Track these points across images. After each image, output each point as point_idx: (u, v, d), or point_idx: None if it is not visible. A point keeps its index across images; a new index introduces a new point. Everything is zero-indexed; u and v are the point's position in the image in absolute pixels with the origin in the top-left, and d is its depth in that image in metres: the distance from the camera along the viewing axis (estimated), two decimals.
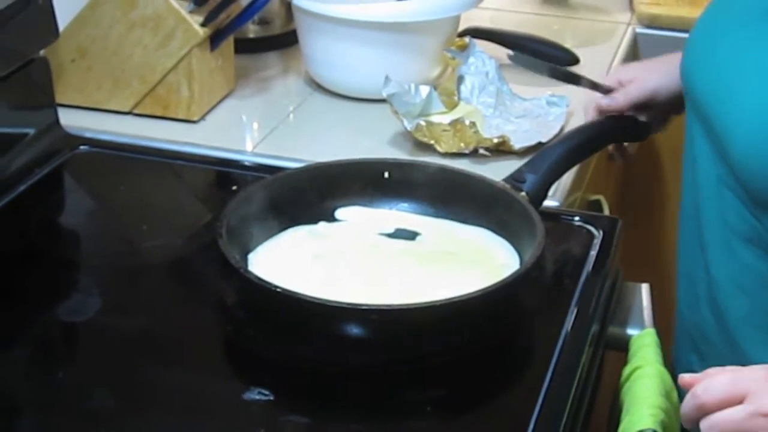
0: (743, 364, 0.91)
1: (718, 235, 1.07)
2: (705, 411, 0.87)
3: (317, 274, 1.03)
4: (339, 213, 1.13)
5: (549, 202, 1.23)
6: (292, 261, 1.05)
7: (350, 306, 0.95)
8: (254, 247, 1.06)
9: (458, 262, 1.07)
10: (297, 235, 1.09)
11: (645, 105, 1.25)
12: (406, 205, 1.14)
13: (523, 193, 1.11)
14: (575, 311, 1.04)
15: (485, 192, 1.12)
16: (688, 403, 0.89)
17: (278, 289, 0.95)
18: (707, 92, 1.06)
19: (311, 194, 1.11)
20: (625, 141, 1.32)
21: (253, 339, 1.00)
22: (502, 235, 1.09)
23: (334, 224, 1.12)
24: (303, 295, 0.95)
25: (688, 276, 1.14)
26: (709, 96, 1.06)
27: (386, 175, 1.14)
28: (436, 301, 0.95)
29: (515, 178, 1.12)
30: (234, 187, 1.13)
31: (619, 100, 1.25)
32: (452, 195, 1.13)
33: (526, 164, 1.15)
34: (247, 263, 1.03)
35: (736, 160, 1.01)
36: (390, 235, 1.11)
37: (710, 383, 0.88)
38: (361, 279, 1.04)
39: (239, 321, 1.03)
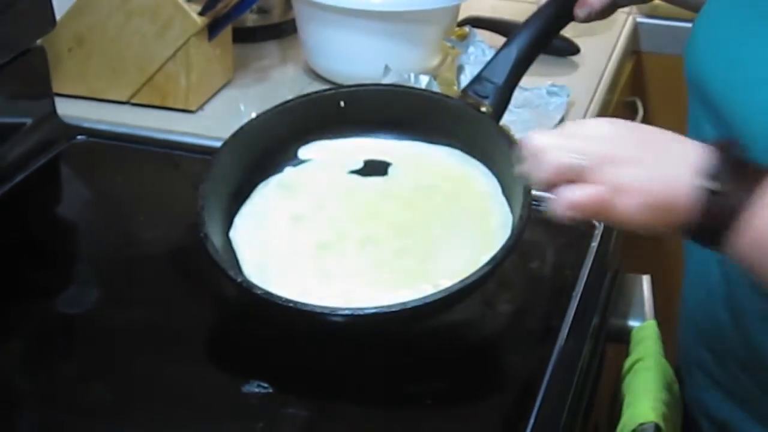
0: (759, 364, 0.90)
1: None
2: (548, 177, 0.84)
3: (307, 244, 1.00)
4: (302, 152, 1.10)
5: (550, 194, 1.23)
6: (273, 230, 1.02)
7: (351, 313, 0.92)
8: (232, 221, 1.03)
9: (440, 198, 1.05)
10: (268, 192, 1.06)
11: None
12: (368, 132, 1.11)
13: (487, 108, 1.08)
14: (576, 303, 1.03)
15: (448, 111, 1.09)
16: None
17: (281, 302, 0.93)
18: (719, 83, 1.04)
19: (271, 143, 1.08)
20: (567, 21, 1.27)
21: (252, 331, 1.00)
22: (473, 154, 1.07)
23: (300, 167, 1.09)
24: (304, 304, 0.92)
25: (698, 273, 1.12)
26: (721, 87, 1.04)
27: (342, 104, 1.10)
28: (436, 294, 0.93)
29: (477, 93, 1.09)
30: (210, 157, 1.12)
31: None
32: (414, 115, 1.10)
33: (485, 73, 1.11)
34: (232, 247, 1.01)
35: (755, 154, 1.00)
36: (361, 173, 1.09)
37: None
38: (353, 242, 1.01)
39: (237, 313, 1.02)
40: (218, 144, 1.28)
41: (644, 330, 1.06)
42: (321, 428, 0.92)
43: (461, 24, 1.52)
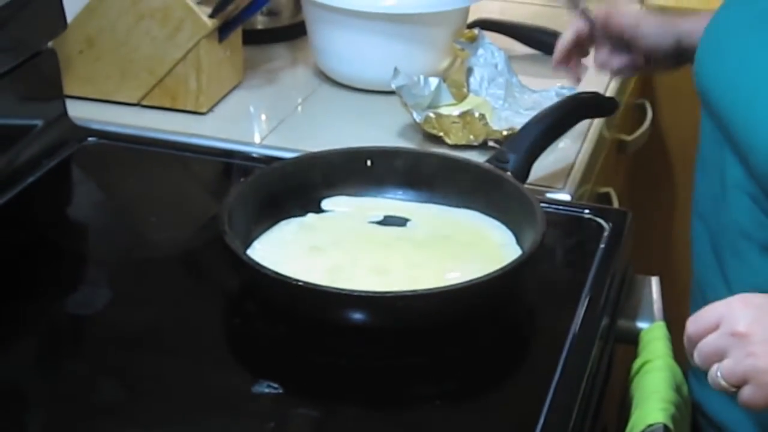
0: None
1: (734, 242, 1.06)
2: (692, 342, 0.90)
3: (319, 267, 1.03)
4: (325, 204, 1.13)
5: (559, 195, 1.23)
6: (291, 254, 1.05)
7: (376, 295, 0.95)
8: (251, 243, 1.06)
9: (456, 245, 1.08)
10: (289, 228, 1.09)
11: (627, 42, 1.25)
12: (391, 192, 1.14)
13: (508, 173, 1.12)
14: (585, 304, 1.03)
15: (471, 174, 1.13)
16: (685, 340, 0.92)
17: (299, 283, 0.95)
18: (724, 95, 1.05)
19: (296, 186, 1.11)
20: (594, 117, 1.34)
21: (262, 331, 1.00)
22: (492, 215, 1.10)
23: (323, 215, 1.12)
24: (327, 287, 0.95)
25: (701, 281, 1.12)
26: (726, 99, 1.04)
27: (369, 162, 1.14)
28: (462, 284, 0.95)
29: (498, 159, 1.14)
30: (242, 179, 1.13)
31: (600, 19, 1.26)
32: (437, 179, 1.13)
33: (506, 145, 1.17)
34: None
35: (757, 165, 1.00)
36: (380, 223, 1.12)
37: (696, 316, 0.91)
38: (365, 269, 1.04)
39: (247, 313, 1.03)
40: (229, 146, 1.30)
41: (653, 331, 1.06)
42: (331, 429, 0.92)
43: (470, 26, 1.52)
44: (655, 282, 1.14)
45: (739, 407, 0.88)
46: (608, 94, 1.48)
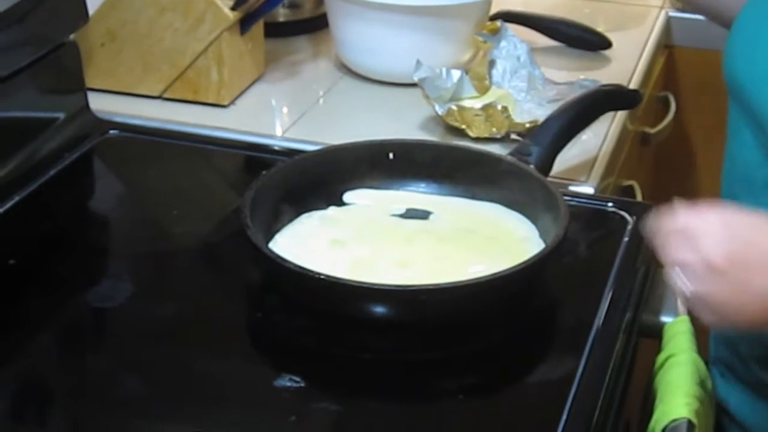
0: None
1: None
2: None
3: (342, 260, 1.03)
4: (347, 197, 1.13)
5: (582, 188, 1.23)
6: (313, 248, 1.05)
7: (399, 288, 0.95)
8: (272, 236, 1.06)
9: (478, 238, 1.08)
10: (310, 222, 1.09)
11: None
12: (413, 184, 1.14)
13: (531, 166, 1.12)
14: (608, 298, 1.03)
15: (493, 167, 1.12)
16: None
17: (321, 277, 0.94)
18: (755, 86, 1.04)
19: (318, 180, 1.11)
20: (618, 109, 1.34)
21: (284, 325, 1.00)
22: (515, 208, 1.10)
23: (344, 208, 1.12)
24: (350, 281, 0.95)
25: None
26: (757, 90, 1.03)
27: (391, 155, 1.14)
28: (485, 277, 0.95)
29: (521, 152, 1.14)
30: (264, 172, 1.13)
31: None
32: (459, 172, 1.13)
33: (529, 137, 1.16)
34: None
35: None
36: (402, 216, 1.12)
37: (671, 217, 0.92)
38: (388, 262, 1.04)
39: (269, 307, 1.02)
40: (251, 138, 1.30)
41: (677, 325, 1.05)
42: (352, 423, 0.92)
43: (493, 18, 1.51)
44: None
45: (762, 407, 0.88)
46: (631, 86, 1.47)
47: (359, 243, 1.06)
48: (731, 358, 1.14)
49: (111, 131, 1.29)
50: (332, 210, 1.11)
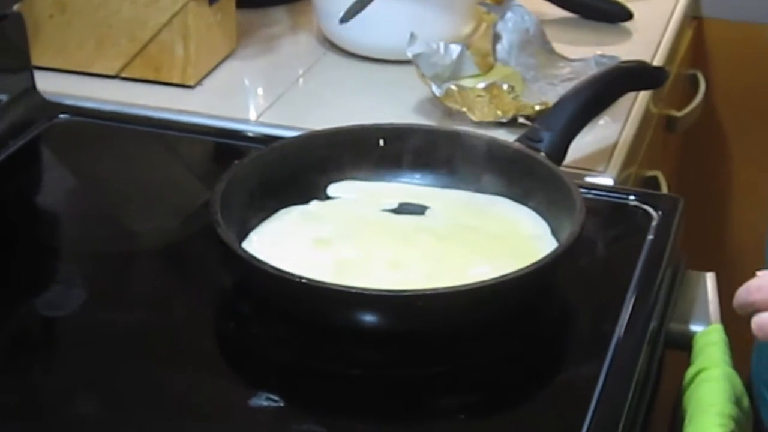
0: None
1: None
2: (755, 308, 0.94)
3: (326, 262, 1.03)
4: (332, 190, 1.13)
5: (600, 179, 1.23)
6: (293, 248, 1.05)
7: (391, 293, 0.94)
8: (246, 235, 1.06)
9: (482, 236, 1.08)
10: (290, 218, 1.10)
11: None
12: (407, 175, 1.14)
13: (542, 154, 1.12)
14: (631, 304, 1.03)
15: (499, 155, 1.12)
16: (740, 296, 0.96)
17: (303, 281, 0.94)
18: None
19: (298, 170, 1.12)
20: (640, 89, 1.35)
21: (260, 336, 1.00)
22: (523, 202, 1.10)
23: (328, 203, 1.12)
24: (335, 285, 0.94)
25: None
26: None
27: (381, 142, 1.14)
28: (490, 281, 0.95)
29: (530, 138, 1.14)
30: (236, 162, 1.13)
31: None
32: (460, 161, 1.14)
33: (539, 122, 1.17)
34: None
35: None
36: (395, 211, 1.12)
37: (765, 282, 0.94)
38: (378, 264, 1.04)
39: (243, 315, 1.02)
40: (221, 123, 1.30)
41: (708, 335, 1.06)
42: None
43: None
44: (710, 279, 1.13)
45: None
46: (655, 63, 1.47)
47: (346, 242, 1.06)
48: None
49: (61, 115, 1.29)
50: (315, 204, 1.11)
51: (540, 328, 1.02)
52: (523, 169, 1.11)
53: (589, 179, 1.23)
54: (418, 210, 1.12)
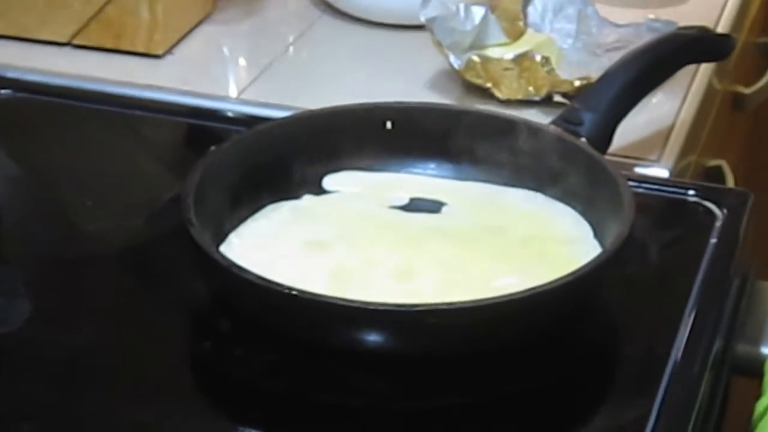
0: None
1: None
2: None
3: (321, 269, 1.03)
4: (328, 182, 1.13)
5: (652, 170, 1.23)
6: (282, 252, 1.05)
7: (400, 308, 0.94)
8: (225, 236, 1.06)
9: (509, 239, 1.08)
10: (278, 216, 1.10)
11: None
12: (419, 165, 1.15)
13: (583, 139, 1.12)
14: (690, 322, 1.03)
15: (530, 140, 1.12)
16: None
17: (293, 292, 0.94)
18: None
19: (288, 158, 1.12)
20: (702, 61, 1.35)
21: (242, 360, 0.99)
22: (559, 198, 1.11)
23: (324, 197, 1.13)
24: (331, 298, 0.94)
25: None
26: None
27: (388, 125, 1.15)
28: (518, 294, 0.94)
29: (568, 120, 1.14)
30: (213, 148, 1.13)
31: None
32: (483, 148, 1.14)
33: (578, 100, 1.17)
34: None
35: None
36: (405, 208, 1.12)
37: None
38: (384, 272, 1.04)
39: (222, 335, 1.02)
40: (195, 101, 1.30)
41: None
42: None
43: None
44: None
45: None
46: (720, 29, 1.47)
47: (345, 245, 1.07)
48: None
49: (3, 91, 1.29)
50: (308, 199, 1.12)
51: (579, 351, 1.02)
52: (560, 157, 1.11)
53: (639, 170, 1.24)
54: (433, 207, 1.12)
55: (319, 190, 1.13)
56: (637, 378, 1.00)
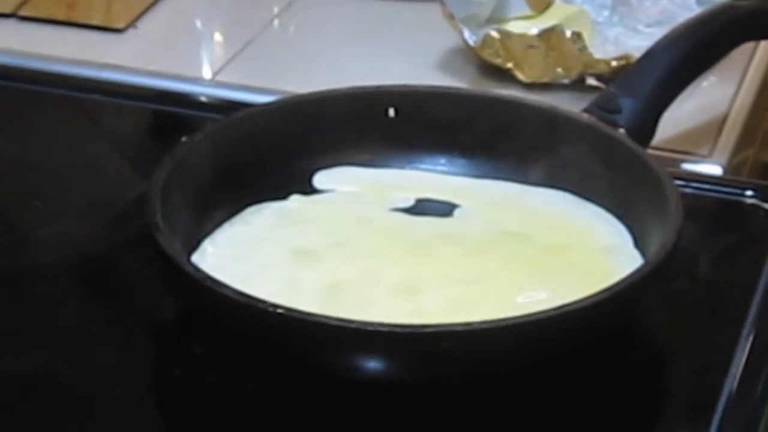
0: None
1: None
2: None
3: (312, 283, 1.04)
4: (320, 179, 1.14)
5: (703, 166, 1.23)
6: (265, 262, 1.06)
7: (406, 330, 0.93)
8: (199, 243, 1.07)
9: (533, 248, 1.08)
10: (260, 220, 1.11)
11: None
12: (428, 160, 1.16)
13: (621, 130, 1.12)
14: (748, 346, 1.03)
15: (558, 131, 1.13)
16: None
17: (279, 310, 0.94)
18: None
19: (272, 151, 1.13)
20: (761, 38, 1.35)
21: (218, 390, 0.99)
22: (593, 199, 1.11)
23: (315, 198, 1.13)
24: (324, 317, 0.93)
25: None
26: None
27: (391, 112, 1.15)
28: (546, 312, 0.94)
29: (604, 107, 1.15)
30: (184, 139, 1.13)
31: None
32: (504, 140, 1.14)
33: (617, 84, 1.18)
34: None
35: None
36: (410, 211, 1.13)
37: None
38: (386, 287, 1.04)
39: (194, 361, 1.02)
40: (162, 83, 1.30)
41: None
42: None
43: None
44: None
45: None
46: None
47: (339, 255, 1.07)
48: None
49: None
50: (296, 200, 1.12)
51: (617, 381, 1.02)
52: (593, 151, 1.11)
53: (687, 166, 1.24)
54: (444, 210, 1.12)
55: (309, 190, 1.13)
56: (686, 412, 1.01)
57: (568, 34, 1.29)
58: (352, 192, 1.14)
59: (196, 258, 1.04)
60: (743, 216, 1.17)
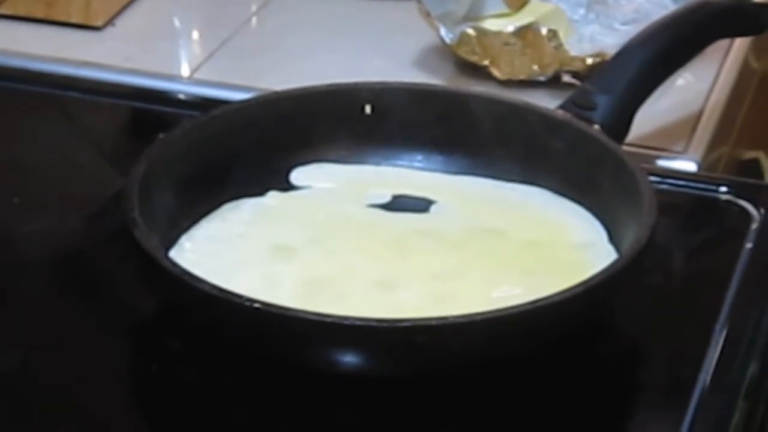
0: None
1: None
2: None
3: (290, 279, 1.04)
4: (297, 176, 1.15)
5: (678, 163, 1.23)
6: (243, 258, 1.06)
7: (383, 324, 0.94)
8: (176, 240, 1.07)
9: (509, 244, 1.09)
10: (237, 216, 1.11)
11: None
12: (404, 156, 1.16)
13: (596, 127, 1.12)
14: (721, 341, 1.03)
15: (534, 128, 1.13)
16: None
17: (256, 305, 0.94)
18: None
19: (250, 147, 1.13)
20: (736, 35, 1.36)
21: (196, 386, 1.00)
22: (569, 195, 1.12)
23: (292, 194, 1.14)
24: (302, 312, 0.94)
25: None
26: None
27: (367, 109, 1.15)
28: (521, 306, 0.95)
29: (580, 104, 1.15)
30: (161, 135, 1.13)
31: None
32: (480, 137, 1.15)
33: (592, 81, 1.18)
34: None
35: None
36: (387, 207, 1.13)
37: None
38: (363, 282, 1.04)
39: (172, 357, 1.03)
40: (140, 81, 1.30)
41: None
42: None
43: None
44: None
45: None
46: None
47: (317, 251, 1.07)
48: None
49: None
50: (273, 197, 1.13)
51: (591, 375, 1.02)
52: (569, 148, 1.12)
53: (662, 163, 1.24)
54: (420, 206, 1.13)
55: (287, 186, 1.13)
56: (659, 407, 1.00)
57: (544, 31, 1.29)
58: (330, 188, 1.14)
59: (174, 254, 1.04)
60: (717, 212, 1.17)
